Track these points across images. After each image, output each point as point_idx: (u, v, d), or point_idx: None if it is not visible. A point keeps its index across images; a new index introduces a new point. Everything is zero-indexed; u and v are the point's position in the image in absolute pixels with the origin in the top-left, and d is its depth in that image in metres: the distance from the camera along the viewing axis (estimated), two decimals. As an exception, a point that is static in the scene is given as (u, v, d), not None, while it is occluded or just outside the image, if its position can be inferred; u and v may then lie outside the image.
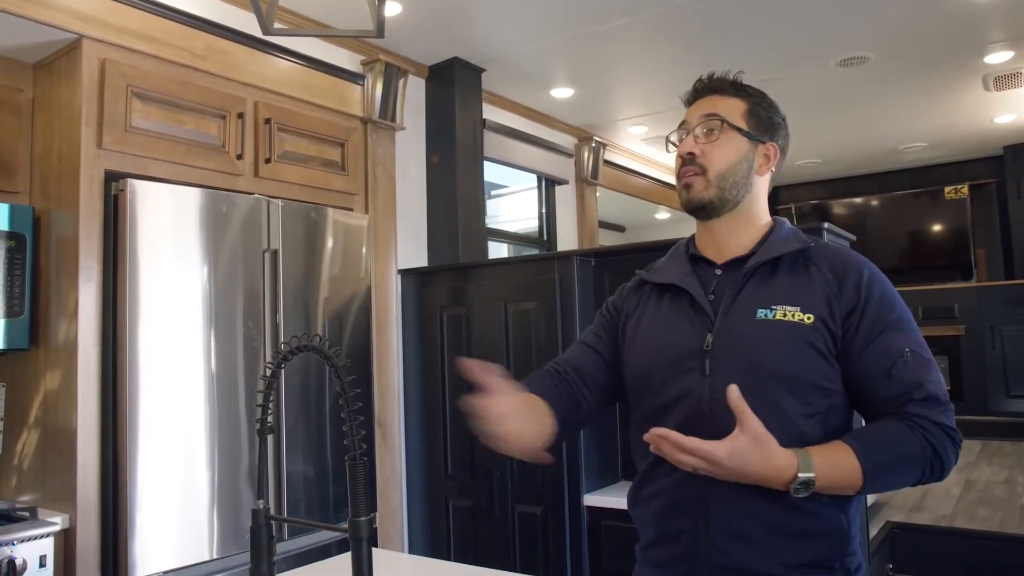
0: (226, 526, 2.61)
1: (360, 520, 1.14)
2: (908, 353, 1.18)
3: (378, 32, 1.44)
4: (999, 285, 7.14)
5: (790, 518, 1.17)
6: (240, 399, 2.68)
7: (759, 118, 1.34)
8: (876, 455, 1.13)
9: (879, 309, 1.20)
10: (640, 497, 1.33)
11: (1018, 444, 6.38)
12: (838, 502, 1.19)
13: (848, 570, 1.20)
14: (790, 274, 1.26)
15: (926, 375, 1.18)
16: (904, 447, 1.14)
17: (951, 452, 1.16)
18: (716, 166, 1.30)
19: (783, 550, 1.17)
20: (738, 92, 1.35)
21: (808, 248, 1.27)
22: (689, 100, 1.39)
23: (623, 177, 6.00)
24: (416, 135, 3.92)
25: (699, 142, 1.31)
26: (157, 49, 2.68)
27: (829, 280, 1.23)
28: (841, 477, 1.13)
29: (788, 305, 1.22)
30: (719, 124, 1.31)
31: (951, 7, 3.63)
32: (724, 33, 3.83)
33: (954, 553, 3.82)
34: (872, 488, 1.16)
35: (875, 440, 1.15)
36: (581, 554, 3.00)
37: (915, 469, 1.15)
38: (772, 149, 1.34)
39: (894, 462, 1.14)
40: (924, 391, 1.16)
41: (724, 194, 1.30)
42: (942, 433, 1.15)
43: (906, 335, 1.20)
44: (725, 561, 1.19)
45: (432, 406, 3.54)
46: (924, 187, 7.59)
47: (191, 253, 2.58)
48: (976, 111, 5.60)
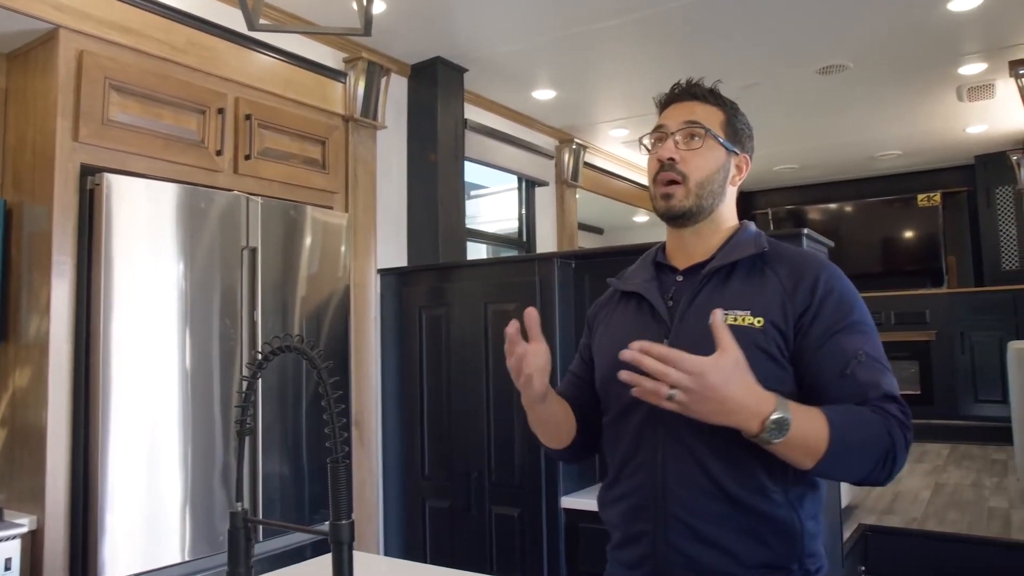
0: (199, 527, 2.57)
1: (342, 524, 1.13)
2: (863, 355, 1.17)
3: (365, 30, 1.43)
4: (969, 292, 7.27)
5: (744, 519, 1.19)
6: (215, 398, 2.64)
7: (735, 129, 1.35)
8: (845, 429, 1.11)
9: (835, 311, 1.20)
10: (608, 499, 1.36)
11: (985, 448, 6.50)
12: (792, 504, 1.20)
13: (808, 571, 1.21)
14: (746, 278, 1.27)
15: (881, 377, 1.17)
16: (871, 430, 1.12)
17: (902, 454, 1.14)
18: (697, 174, 1.30)
19: (740, 551, 1.19)
20: (717, 101, 1.35)
21: (765, 252, 1.28)
22: (664, 103, 1.39)
23: (603, 179, 6.02)
24: (398, 134, 3.90)
25: (680, 148, 1.31)
26: (136, 42, 2.64)
27: (785, 282, 1.24)
28: (810, 434, 1.09)
29: (739, 310, 1.23)
30: (702, 132, 1.31)
31: (928, 19, 3.69)
32: (706, 38, 3.85)
33: (925, 555, 3.88)
34: (828, 464, 1.10)
35: (848, 415, 1.13)
36: (558, 556, 3.00)
37: (872, 457, 1.11)
38: (744, 160, 1.37)
39: (859, 442, 1.11)
40: (880, 390, 1.15)
41: (702, 202, 1.31)
42: (899, 430, 1.13)
43: (863, 338, 1.19)
44: (683, 562, 1.21)
45: (410, 407, 3.52)
46: (897, 194, 7.71)
47: (168, 250, 2.55)
48: (949, 121, 5.69)
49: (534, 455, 3.09)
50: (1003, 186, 7.10)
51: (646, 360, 1.05)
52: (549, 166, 5.33)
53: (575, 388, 1.45)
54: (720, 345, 1.08)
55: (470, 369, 3.31)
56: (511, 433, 3.17)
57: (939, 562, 3.83)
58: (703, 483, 1.20)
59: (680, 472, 1.22)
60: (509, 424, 3.18)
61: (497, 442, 3.21)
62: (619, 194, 6.35)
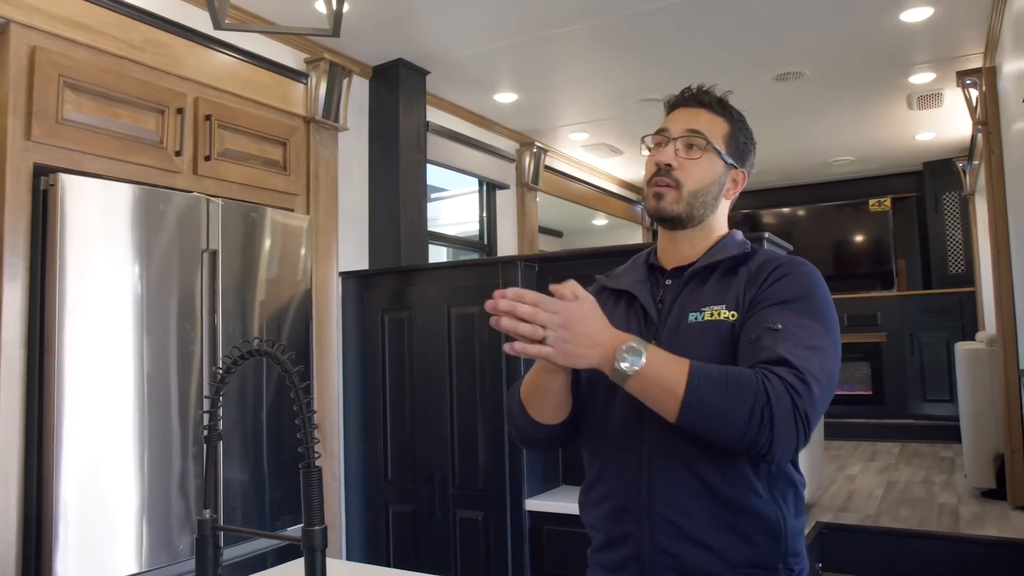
0: (156, 536, 2.51)
1: (314, 529, 1.11)
2: (780, 326, 1.15)
3: (334, 31, 1.41)
4: (918, 294, 7.47)
5: (730, 518, 1.19)
6: (172, 404, 2.59)
7: (737, 143, 1.34)
8: (707, 370, 1.09)
9: (779, 290, 1.21)
10: (589, 501, 1.34)
11: (934, 446, 6.68)
12: (776, 501, 1.20)
13: (792, 570, 1.22)
14: (722, 277, 1.28)
15: (789, 347, 1.12)
16: (739, 381, 1.08)
17: (787, 414, 1.06)
18: (691, 184, 1.30)
19: (725, 550, 1.18)
20: (724, 112, 1.34)
21: (745, 254, 1.30)
22: (672, 106, 1.38)
23: (563, 183, 6.05)
24: (359, 136, 3.87)
25: (679, 155, 1.31)
26: (92, 39, 2.57)
27: (752, 275, 1.25)
28: (667, 373, 1.08)
29: (715, 305, 1.24)
30: (702, 143, 1.31)
31: (881, 29, 3.78)
32: (666, 44, 3.90)
33: (879, 551, 3.97)
34: (692, 409, 1.07)
35: (716, 367, 1.11)
36: (523, 558, 3.00)
37: (740, 405, 1.06)
38: (741, 175, 1.36)
39: (721, 388, 1.07)
40: (774, 353, 1.11)
41: (692, 211, 1.31)
42: (783, 388, 1.07)
43: (794, 315, 1.17)
44: (669, 562, 1.20)
45: (372, 411, 3.49)
46: (850, 199, 7.88)
47: (125, 252, 2.48)
48: (899, 128, 5.85)
49: (498, 458, 3.09)
50: (950, 192, 7.32)
51: (520, 307, 1.07)
52: (510, 169, 5.34)
53: None
54: (569, 294, 1.11)
55: (433, 372, 3.29)
56: (475, 436, 3.16)
57: (893, 557, 3.92)
58: (690, 481, 1.20)
59: (666, 471, 1.21)
60: (473, 427, 3.17)
61: (461, 445, 3.20)
62: (579, 197, 6.39)
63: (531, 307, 1.07)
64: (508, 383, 3.09)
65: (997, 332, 4.31)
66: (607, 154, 6.16)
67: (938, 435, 6.78)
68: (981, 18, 3.71)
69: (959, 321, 7.04)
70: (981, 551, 3.79)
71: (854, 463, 6.08)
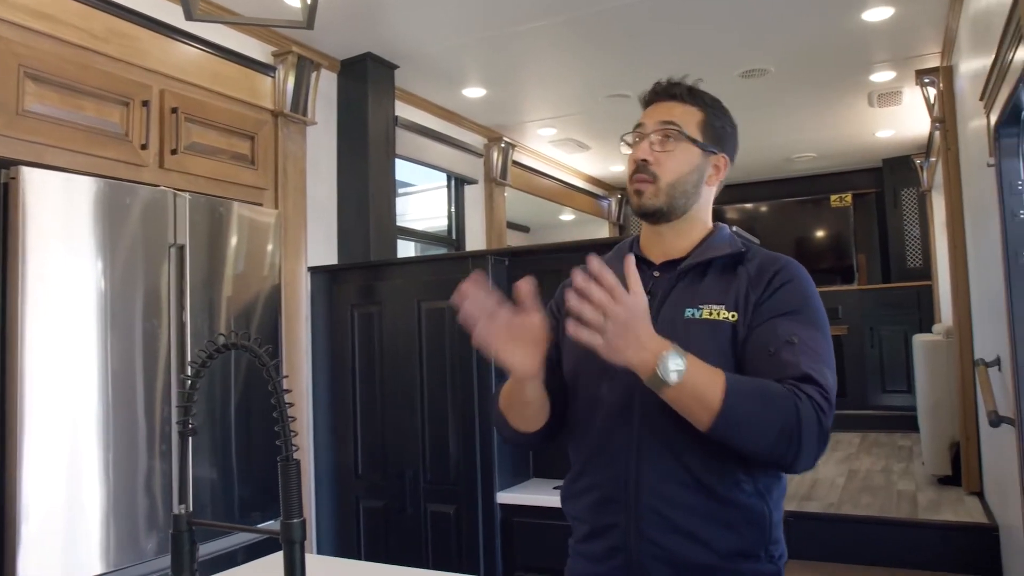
0: (122, 536, 2.48)
1: (293, 522, 1.12)
2: (795, 338, 1.18)
3: (308, 23, 1.41)
4: (878, 288, 7.63)
5: (718, 509, 1.21)
6: (139, 401, 2.55)
7: (713, 128, 1.35)
8: (744, 389, 1.12)
9: (784, 297, 1.23)
10: (574, 492, 1.35)
11: (892, 435, 6.84)
12: (761, 493, 1.22)
13: (772, 557, 1.24)
14: (719, 275, 1.29)
15: (805, 359, 1.16)
16: (774, 398, 1.11)
17: (814, 432, 1.11)
18: (668, 175, 1.31)
19: (714, 541, 1.20)
20: (695, 100, 1.36)
21: (740, 253, 1.31)
22: (646, 102, 1.39)
23: (530, 178, 6.07)
24: (327, 130, 3.84)
25: (654, 149, 1.32)
26: (53, 28, 2.52)
27: (752, 277, 1.27)
28: (706, 385, 1.10)
29: (714, 304, 1.25)
30: (675, 133, 1.32)
31: (844, 28, 3.86)
32: (633, 41, 3.93)
33: (842, 537, 4.06)
34: (725, 422, 1.10)
35: (751, 381, 1.15)
36: (494, 551, 3.02)
37: (772, 426, 1.10)
38: (723, 160, 1.37)
39: (756, 405, 1.11)
40: (800, 370, 1.14)
41: (673, 202, 1.32)
42: (811, 407, 1.11)
43: (802, 326, 1.20)
44: (657, 552, 1.21)
45: (342, 406, 3.48)
46: (811, 195, 8.01)
47: (90, 247, 2.44)
48: (860, 125, 5.97)
49: (469, 452, 3.10)
50: (908, 188, 7.48)
51: (594, 292, 1.07)
52: (478, 164, 5.35)
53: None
54: (632, 289, 1.10)
55: (403, 367, 3.29)
56: (445, 431, 3.17)
57: (855, 543, 4.02)
58: (679, 474, 1.21)
59: (655, 462, 1.23)
60: (444, 422, 3.18)
61: (432, 440, 3.21)
62: (546, 192, 6.41)
63: (605, 297, 1.07)
64: (479, 378, 3.10)
65: (953, 324, 4.43)
66: (574, 149, 6.19)
67: (897, 425, 6.95)
68: (938, 19, 3.80)
69: (917, 314, 7.21)
70: (938, 535, 3.91)
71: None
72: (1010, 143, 2.56)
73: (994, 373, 2.99)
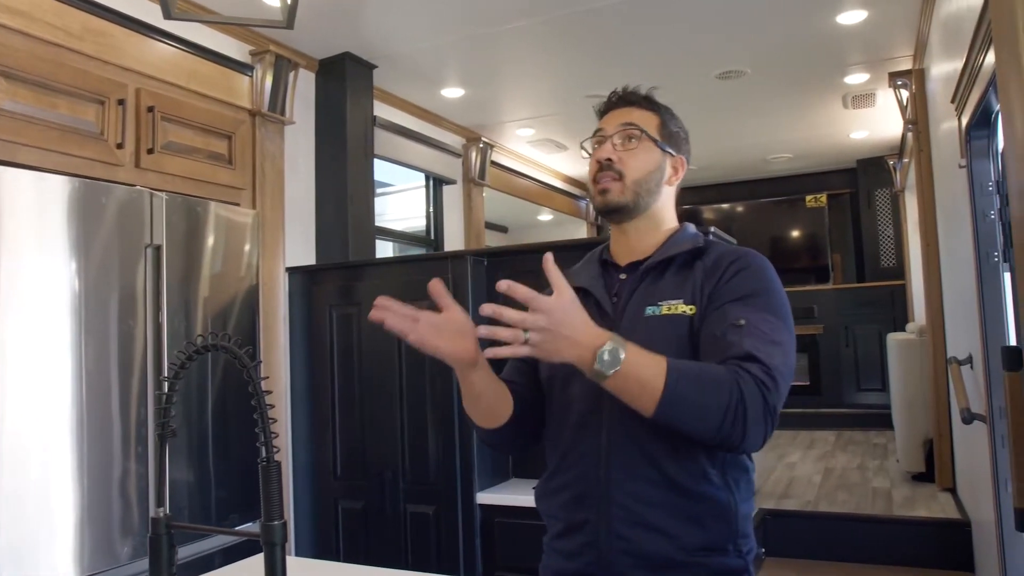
0: (97, 540, 2.44)
1: (274, 524, 1.11)
2: (743, 321, 1.19)
3: (287, 23, 1.40)
4: (852, 287, 7.73)
5: (686, 504, 1.23)
6: (114, 403, 2.52)
7: (670, 132, 1.41)
8: (685, 371, 1.12)
9: (737, 284, 1.25)
10: (548, 490, 1.37)
11: (867, 433, 6.93)
12: (729, 486, 1.25)
13: (741, 551, 1.27)
14: (679, 271, 1.33)
15: (754, 342, 1.17)
16: (712, 375, 1.13)
17: (759, 409, 1.11)
18: (633, 173, 1.35)
19: (680, 535, 1.22)
20: (652, 106, 1.41)
21: (699, 248, 1.34)
22: (603, 110, 1.45)
23: (509, 178, 6.07)
24: (305, 130, 3.82)
25: (617, 149, 1.37)
26: (26, 25, 2.48)
27: (708, 269, 1.30)
28: (645, 371, 1.11)
29: (672, 299, 1.28)
30: (638, 134, 1.37)
31: (819, 30, 3.90)
32: (611, 42, 3.95)
33: (819, 534, 4.11)
34: (669, 406, 1.11)
35: (691, 364, 1.16)
36: (474, 551, 3.02)
37: (716, 402, 1.10)
38: (680, 162, 1.42)
39: (697, 386, 1.11)
40: (742, 349, 1.15)
41: (638, 199, 1.36)
42: (754, 384, 1.12)
43: (752, 310, 1.21)
44: (627, 547, 1.24)
45: (321, 407, 3.46)
46: (787, 195, 8.10)
47: (64, 247, 2.41)
48: (835, 127, 6.04)
49: (448, 452, 3.10)
50: (882, 188, 7.58)
51: (506, 313, 1.08)
52: (457, 164, 5.34)
53: (515, 372, 1.44)
54: (556, 287, 1.11)
55: (382, 368, 3.28)
56: (425, 431, 3.17)
57: (832, 540, 4.07)
58: (646, 470, 1.24)
59: (624, 460, 1.25)
60: (423, 422, 3.17)
61: (411, 440, 3.20)
62: (525, 193, 6.42)
63: (518, 314, 1.08)
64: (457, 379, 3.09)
65: (927, 323, 4.49)
66: (552, 150, 6.21)
67: (872, 423, 7.04)
68: (911, 22, 3.86)
69: (891, 313, 7.30)
70: (913, 531, 3.97)
71: (793, 451, 6.27)
72: (981, 145, 2.61)
73: (966, 371, 3.04)
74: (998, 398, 2.46)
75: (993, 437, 2.53)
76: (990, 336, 2.57)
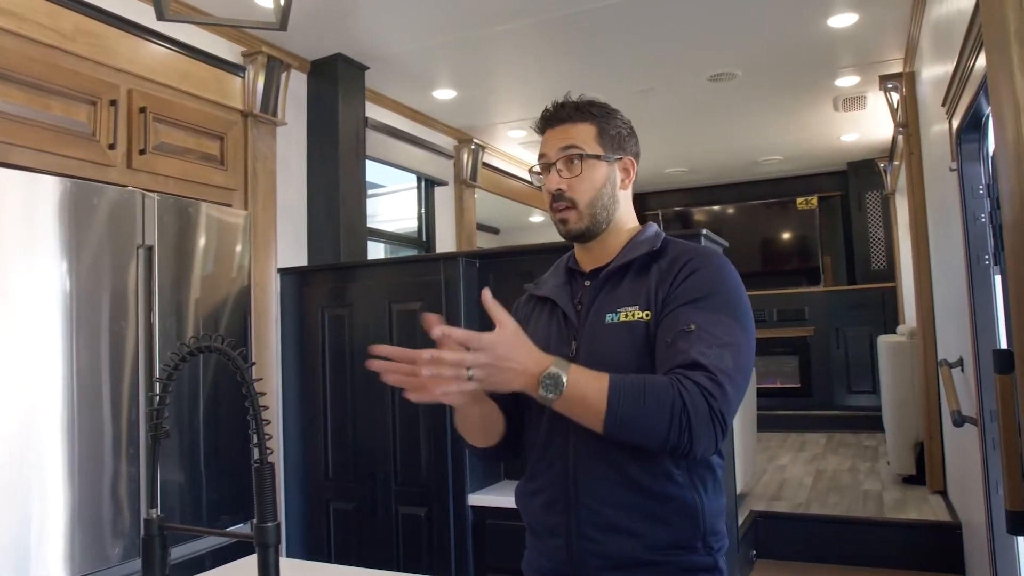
0: (87, 541, 2.43)
1: (267, 526, 1.11)
2: (693, 326, 1.19)
3: (280, 24, 1.40)
4: (843, 290, 7.76)
5: (650, 505, 1.25)
6: (105, 404, 2.50)
7: (610, 137, 1.38)
8: (625, 385, 1.13)
9: (689, 288, 1.25)
10: (526, 492, 1.40)
11: (858, 435, 6.95)
12: (695, 485, 1.26)
13: (711, 548, 1.28)
14: (636, 276, 1.33)
15: (698, 347, 1.17)
16: (653, 387, 1.13)
17: (703, 417, 1.12)
18: (584, 196, 1.35)
19: (648, 535, 1.25)
20: (585, 116, 1.38)
21: (655, 250, 1.34)
22: (540, 129, 1.42)
23: (500, 180, 6.08)
24: (297, 131, 3.81)
25: (563, 176, 1.35)
26: (18, 26, 2.47)
27: (663, 272, 1.30)
28: (588, 392, 1.13)
29: (629, 306, 1.29)
30: (579, 156, 1.35)
31: (810, 33, 3.92)
32: (603, 44, 3.96)
33: (811, 536, 4.13)
34: (615, 422, 1.12)
35: (633, 377, 1.17)
36: (466, 553, 3.02)
37: (661, 416, 1.11)
38: (629, 161, 1.41)
39: (639, 399, 1.12)
40: (689, 357, 1.16)
41: (596, 219, 1.36)
42: (697, 392, 1.12)
43: (703, 312, 1.21)
44: (595, 549, 1.26)
45: (312, 408, 3.45)
46: (778, 197, 8.12)
47: (56, 248, 2.39)
48: (826, 129, 6.07)
49: (440, 454, 3.10)
50: (872, 191, 7.62)
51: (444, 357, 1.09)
52: (448, 166, 5.34)
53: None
54: (497, 321, 1.14)
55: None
56: (416, 433, 3.16)
57: (823, 542, 4.08)
58: (610, 473, 1.26)
59: (589, 463, 1.28)
60: (415, 424, 3.17)
61: (402, 442, 3.20)
62: (516, 194, 6.43)
63: (456, 356, 1.09)
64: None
65: (917, 325, 4.52)
66: (545, 151, 6.20)
67: (862, 425, 7.06)
68: (901, 26, 3.88)
69: (881, 315, 7.33)
70: (904, 533, 3.98)
71: (784, 454, 6.29)
72: (971, 148, 2.62)
73: (957, 374, 3.06)
74: (989, 401, 2.47)
75: (984, 440, 2.54)
76: (981, 339, 2.59)
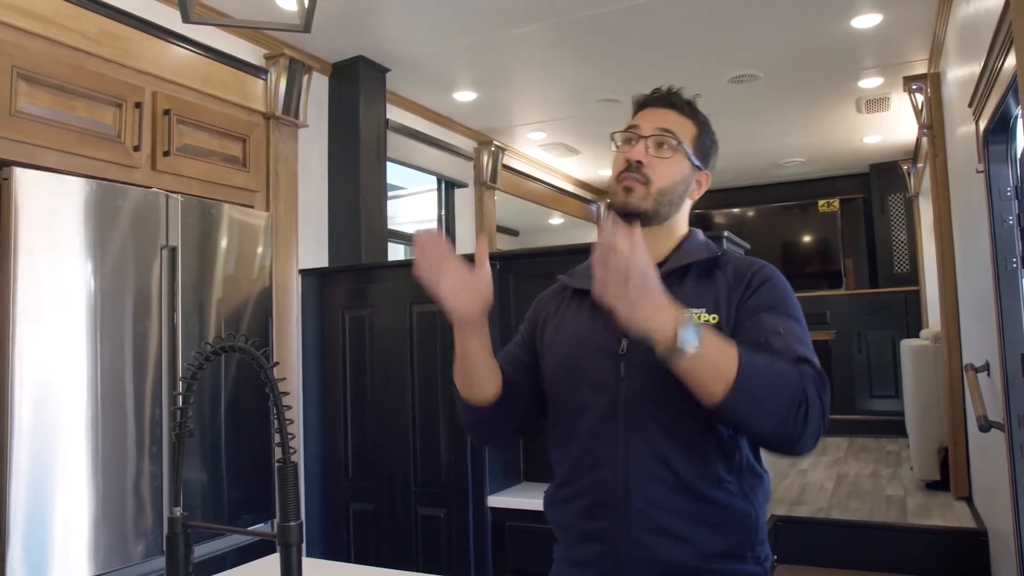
0: (111, 539, 2.46)
1: (290, 525, 1.11)
2: (782, 329, 1.20)
3: (305, 27, 1.41)
4: (865, 293, 7.67)
5: (705, 511, 1.22)
6: (128, 403, 2.53)
7: (704, 145, 1.38)
8: (756, 360, 1.11)
9: (766, 294, 1.26)
10: (558, 499, 1.34)
11: (879, 440, 6.87)
12: (746, 494, 1.24)
13: (758, 558, 1.26)
14: (698, 280, 1.31)
15: (797, 345, 1.18)
16: (782, 371, 1.12)
17: (818, 410, 1.11)
18: (660, 181, 1.32)
19: (700, 542, 1.21)
20: (692, 114, 1.37)
21: (717, 257, 1.33)
22: (641, 104, 1.39)
23: (520, 182, 6.08)
24: (319, 133, 3.84)
25: (649, 153, 1.33)
26: (45, 29, 2.51)
27: (731, 281, 1.29)
28: (720, 354, 1.08)
29: (695, 308, 1.26)
30: (674, 143, 1.33)
31: (833, 34, 3.89)
32: (624, 45, 3.94)
33: (831, 542, 4.08)
34: (739, 394, 1.07)
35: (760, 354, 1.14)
36: (485, 555, 3.01)
37: (784, 399, 1.09)
38: (705, 177, 1.40)
39: (768, 375, 1.10)
40: (795, 353, 1.16)
41: (660, 208, 1.33)
42: (814, 387, 1.12)
43: (787, 320, 1.23)
44: (647, 555, 1.22)
45: (333, 409, 3.46)
46: (799, 200, 8.05)
47: (82, 248, 2.43)
48: (848, 131, 6.01)
49: (460, 455, 3.10)
50: (895, 193, 7.53)
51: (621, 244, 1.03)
52: (468, 168, 5.35)
53: (509, 365, 1.39)
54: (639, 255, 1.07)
55: (394, 370, 3.28)
56: (436, 434, 3.17)
57: (844, 548, 4.04)
58: (666, 476, 1.22)
59: (643, 466, 1.23)
60: (435, 425, 3.17)
61: (422, 443, 3.20)
62: (536, 196, 6.43)
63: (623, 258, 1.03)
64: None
65: (942, 329, 4.46)
66: (564, 153, 6.21)
67: (884, 430, 6.98)
68: (926, 26, 3.83)
69: (904, 319, 7.25)
70: (927, 540, 3.93)
71: (805, 458, 6.23)
72: (999, 149, 2.59)
73: (983, 378, 3.02)
74: (1017, 406, 2.44)
75: (1012, 445, 2.51)
76: (1008, 343, 2.55)
